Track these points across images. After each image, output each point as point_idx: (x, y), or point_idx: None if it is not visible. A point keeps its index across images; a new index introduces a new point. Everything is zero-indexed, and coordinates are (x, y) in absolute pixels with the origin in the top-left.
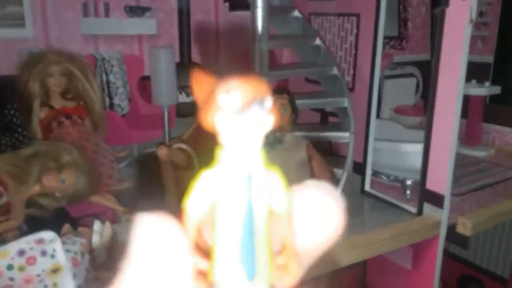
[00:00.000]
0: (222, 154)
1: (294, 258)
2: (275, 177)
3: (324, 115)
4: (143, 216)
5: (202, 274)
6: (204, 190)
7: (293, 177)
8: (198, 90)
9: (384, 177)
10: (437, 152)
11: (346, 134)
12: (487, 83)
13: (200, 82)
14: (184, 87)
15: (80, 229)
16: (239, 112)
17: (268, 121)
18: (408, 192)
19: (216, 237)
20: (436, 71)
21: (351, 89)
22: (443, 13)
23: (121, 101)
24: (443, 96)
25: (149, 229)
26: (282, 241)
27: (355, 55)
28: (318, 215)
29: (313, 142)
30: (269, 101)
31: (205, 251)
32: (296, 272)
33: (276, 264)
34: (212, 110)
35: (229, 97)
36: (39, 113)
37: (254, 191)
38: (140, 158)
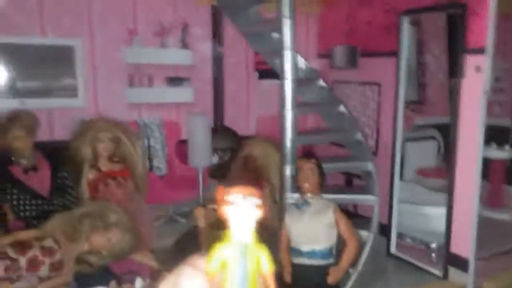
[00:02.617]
0: (230, 233)
1: None
2: (260, 250)
3: (349, 177)
4: (185, 268)
5: None
6: (217, 257)
7: (321, 237)
8: (219, 196)
9: (409, 240)
10: (460, 215)
11: (372, 198)
12: (507, 146)
13: (221, 192)
14: (217, 150)
15: (124, 286)
16: (236, 206)
17: (255, 213)
18: (433, 255)
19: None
20: (455, 137)
21: (375, 153)
22: (459, 83)
23: (159, 163)
24: (463, 161)
25: (189, 280)
26: None
27: (377, 120)
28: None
29: (339, 203)
30: (257, 201)
31: None
32: None
33: None
34: (224, 205)
35: (231, 197)
36: (88, 175)
37: (248, 257)
38: (176, 218)
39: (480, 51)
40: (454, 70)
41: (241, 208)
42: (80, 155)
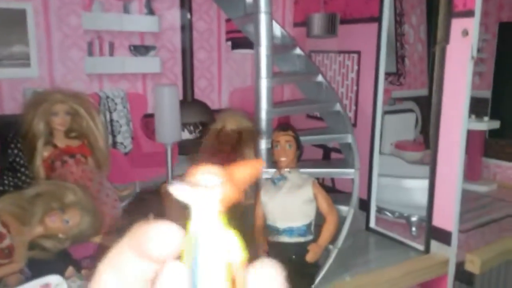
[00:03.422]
0: (192, 218)
1: None
2: (231, 237)
3: (326, 151)
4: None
5: None
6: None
7: (299, 214)
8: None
9: (388, 214)
10: (443, 188)
11: (351, 171)
12: (486, 118)
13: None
14: (186, 124)
15: (83, 271)
16: (189, 188)
17: (214, 196)
18: (413, 229)
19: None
20: (439, 107)
21: (354, 125)
22: (443, 49)
23: (124, 139)
24: (446, 132)
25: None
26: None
27: (357, 91)
28: None
29: (316, 178)
30: (217, 181)
31: None
32: None
33: None
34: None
35: (192, 178)
36: (43, 152)
37: (201, 248)
38: (142, 196)
39: (468, 13)
40: (435, 38)
41: (195, 191)
42: (33, 130)
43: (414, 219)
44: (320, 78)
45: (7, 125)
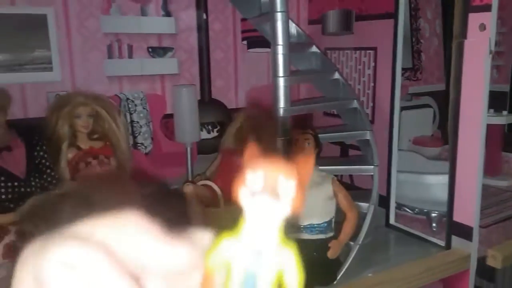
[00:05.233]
0: (242, 226)
1: None
2: (288, 254)
3: (344, 148)
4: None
5: None
6: (219, 253)
7: (319, 211)
8: (249, 157)
9: (408, 210)
10: (463, 183)
11: (370, 167)
12: (504, 112)
13: (251, 156)
14: (205, 124)
15: None
16: (258, 194)
17: (283, 211)
18: (434, 224)
19: None
20: (458, 102)
21: (371, 121)
22: (461, 45)
23: (144, 139)
24: (466, 126)
25: None
26: None
27: (374, 87)
28: None
29: (335, 175)
30: (291, 192)
31: None
32: None
33: None
34: (239, 184)
35: (253, 178)
36: (67, 154)
37: (262, 266)
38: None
39: (485, 8)
40: (451, 33)
41: (263, 203)
42: (58, 132)
43: (434, 214)
44: (337, 75)
45: (32, 128)
